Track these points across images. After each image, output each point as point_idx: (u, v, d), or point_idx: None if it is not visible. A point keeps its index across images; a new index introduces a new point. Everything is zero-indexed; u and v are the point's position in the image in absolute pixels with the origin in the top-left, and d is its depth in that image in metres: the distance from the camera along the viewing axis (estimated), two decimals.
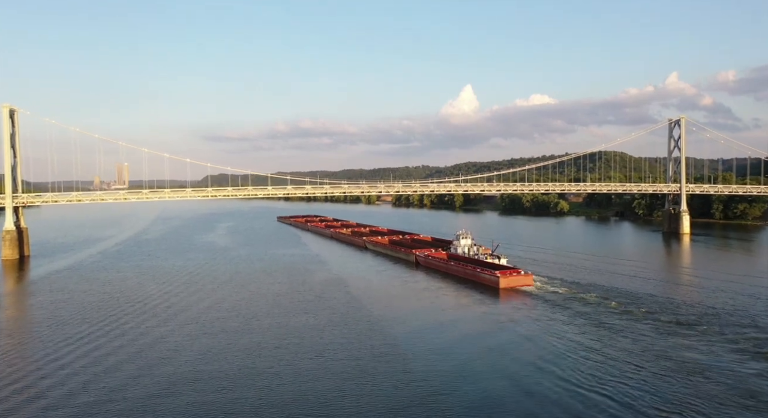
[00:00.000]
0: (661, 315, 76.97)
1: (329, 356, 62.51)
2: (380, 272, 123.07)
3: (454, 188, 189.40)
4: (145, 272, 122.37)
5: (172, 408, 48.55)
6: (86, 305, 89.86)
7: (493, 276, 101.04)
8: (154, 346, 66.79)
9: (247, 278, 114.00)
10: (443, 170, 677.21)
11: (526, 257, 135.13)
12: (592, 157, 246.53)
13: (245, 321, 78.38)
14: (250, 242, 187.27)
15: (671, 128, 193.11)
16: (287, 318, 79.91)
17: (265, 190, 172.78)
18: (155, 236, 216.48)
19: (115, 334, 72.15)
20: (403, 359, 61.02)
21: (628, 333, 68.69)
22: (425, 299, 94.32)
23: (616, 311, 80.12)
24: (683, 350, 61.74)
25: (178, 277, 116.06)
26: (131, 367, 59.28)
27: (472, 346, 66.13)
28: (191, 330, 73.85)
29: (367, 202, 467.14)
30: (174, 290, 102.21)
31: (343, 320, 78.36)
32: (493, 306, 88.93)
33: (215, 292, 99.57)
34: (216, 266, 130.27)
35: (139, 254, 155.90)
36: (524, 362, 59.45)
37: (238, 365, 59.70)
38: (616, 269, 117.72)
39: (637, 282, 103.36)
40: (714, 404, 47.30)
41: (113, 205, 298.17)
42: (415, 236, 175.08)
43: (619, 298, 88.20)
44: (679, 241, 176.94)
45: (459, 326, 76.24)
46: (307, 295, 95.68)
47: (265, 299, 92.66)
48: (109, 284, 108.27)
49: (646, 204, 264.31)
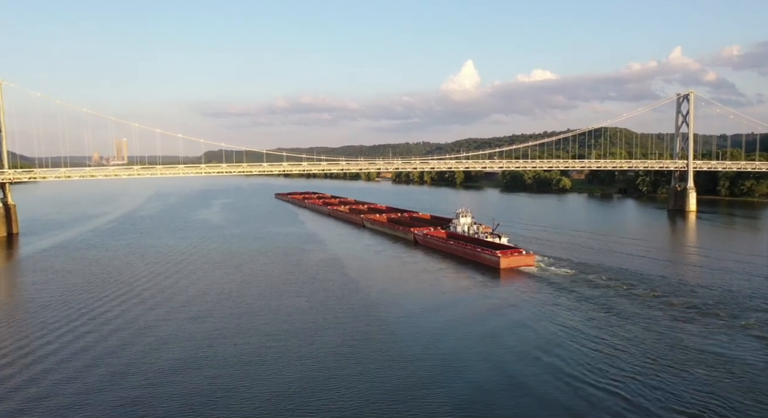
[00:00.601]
0: (673, 299, 72.65)
1: (321, 343, 58.75)
2: (377, 251, 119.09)
3: (455, 165, 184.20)
4: (135, 251, 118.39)
5: (153, 398, 44.91)
6: (70, 286, 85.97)
7: (494, 256, 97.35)
8: (137, 333, 62.89)
9: (241, 258, 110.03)
10: (444, 147, 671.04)
11: (527, 236, 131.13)
12: (595, 133, 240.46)
13: (235, 305, 74.49)
14: (245, 219, 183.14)
15: (679, 103, 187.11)
16: (280, 301, 76.05)
17: (261, 166, 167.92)
18: (150, 213, 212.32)
19: (97, 319, 68.22)
20: (397, 346, 57.33)
21: (638, 319, 64.54)
22: (422, 281, 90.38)
23: (624, 295, 75.97)
24: (701, 338, 57.48)
25: (169, 257, 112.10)
26: (109, 357, 55.42)
27: (468, 333, 62.07)
28: (177, 315, 69.96)
29: (367, 178, 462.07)
30: (163, 270, 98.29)
31: (338, 303, 74.46)
32: (492, 289, 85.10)
33: (206, 273, 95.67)
34: (209, 246, 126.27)
35: (131, 232, 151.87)
36: (523, 352, 55.39)
37: (224, 352, 55.94)
38: (621, 249, 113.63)
39: (645, 263, 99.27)
40: (737, 402, 43.26)
41: (111, 182, 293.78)
42: (414, 213, 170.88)
43: (626, 280, 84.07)
44: (685, 219, 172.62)
45: (456, 310, 72.21)
46: (302, 276, 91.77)
47: (258, 281, 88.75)
48: (96, 264, 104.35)
49: (651, 181, 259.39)
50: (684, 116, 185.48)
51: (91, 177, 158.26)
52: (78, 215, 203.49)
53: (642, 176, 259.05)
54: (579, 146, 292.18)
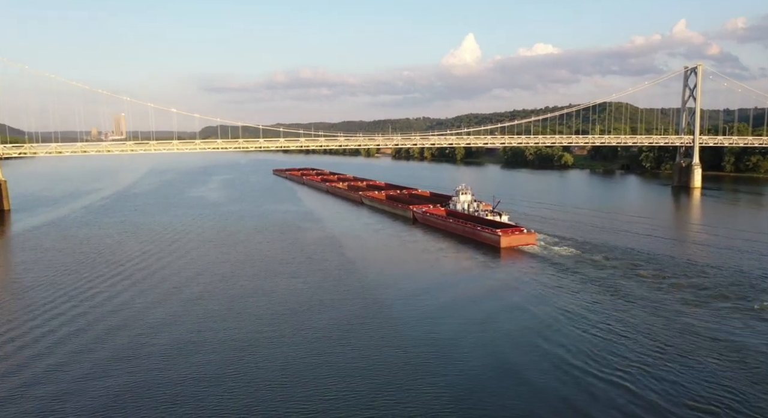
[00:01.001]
0: (682, 280, 70.04)
1: (316, 327, 56.46)
2: (376, 230, 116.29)
3: (456, 141, 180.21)
4: (128, 229, 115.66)
5: (141, 386, 42.60)
6: (58, 266, 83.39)
7: (494, 235, 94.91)
8: (126, 317, 60.40)
9: (236, 236, 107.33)
10: (444, 122, 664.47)
11: (529, 214, 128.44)
12: (597, 108, 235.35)
13: (228, 287, 71.96)
14: (242, 196, 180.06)
15: (686, 76, 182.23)
16: (274, 283, 73.51)
17: (257, 142, 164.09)
18: (146, 190, 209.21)
19: (85, 303, 65.69)
20: (393, 330, 55.03)
21: (645, 303, 61.92)
22: (421, 261, 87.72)
23: (630, 276, 73.34)
24: (712, 324, 54.83)
25: (162, 235, 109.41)
26: (96, 343, 53.04)
27: (465, 317, 59.46)
28: (169, 298, 67.44)
29: (367, 154, 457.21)
30: (155, 250, 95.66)
31: (334, 286, 71.93)
32: (492, 269, 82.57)
33: (200, 253, 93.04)
34: (204, 224, 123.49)
35: (125, 209, 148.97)
36: (522, 339, 52.78)
37: (215, 337, 53.61)
38: (625, 227, 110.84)
39: (651, 241, 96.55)
40: (751, 395, 40.72)
41: (107, 157, 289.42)
42: (413, 190, 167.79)
43: (632, 260, 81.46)
44: (690, 195, 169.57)
45: (454, 293, 69.59)
46: (298, 256, 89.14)
47: (253, 262, 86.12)
48: (87, 243, 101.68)
49: (654, 157, 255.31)
50: (691, 90, 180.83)
51: (83, 153, 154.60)
52: (71, 191, 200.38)
53: (645, 152, 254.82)
54: (582, 122, 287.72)
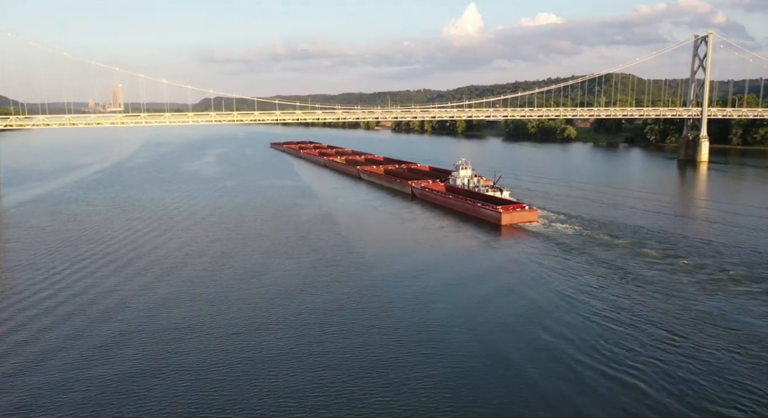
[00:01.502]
0: (695, 261, 66.21)
1: (308, 310, 53.44)
2: (373, 207, 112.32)
3: (457, 114, 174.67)
4: (118, 206, 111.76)
5: (121, 375, 39.45)
6: (41, 245, 79.72)
7: (495, 212, 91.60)
8: (107, 303, 56.83)
9: (229, 214, 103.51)
10: (445, 94, 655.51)
11: (531, 189, 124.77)
12: (601, 80, 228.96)
13: (218, 269, 68.41)
14: (238, 170, 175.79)
15: (696, 46, 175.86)
16: (266, 263, 69.97)
17: (252, 115, 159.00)
18: (139, 163, 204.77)
19: (65, 287, 62.13)
20: (387, 314, 51.89)
21: (659, 287, 58.36)
22: (418, 240, 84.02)
23: (639, 256, 69.72)
24: (732, 311, 51.17)
25: (152, 212, 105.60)
26: (74, 330, 49.67)
27: (462, 301, 56.03)
28: (152, 279, 63.97)
29: (366, 127, 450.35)
30: (145, 228, 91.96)
31: (328, 267, 68.36)
32: (492, 249, 79.19)
33: (190, 232, 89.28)
34: (197, 200, 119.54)
35: (116, 184, 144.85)
36: (520, 327, 49.08)
37: (199, 321, 50.30)
38: (632, 203, 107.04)
39: (660, 219, 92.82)
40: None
41: (103, 130, 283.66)
42: (412, 165, 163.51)
43: (641, 238, 77.79)
44: (697, 169, 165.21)
45: (451, 274, 66.04)
46: (292, 235, 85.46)
47: (244, 241, 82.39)
48: (74, 220, 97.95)
49: (659, 130, 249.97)
50: (701, 60, 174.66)
51: (71, 125, 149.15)
52: (63, 165, 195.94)
53: (650, 125, 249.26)
54: (585, 93, 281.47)
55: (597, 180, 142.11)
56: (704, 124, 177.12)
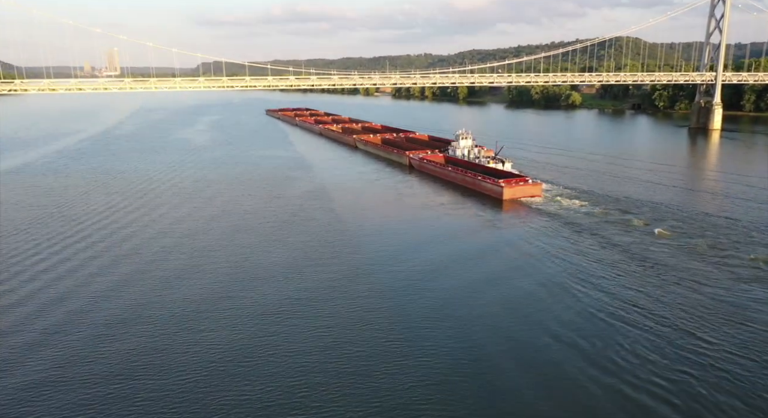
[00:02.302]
0: (726, 246, 60.12)
1: (291, 296, 47.91)
2: (369, 181, 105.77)
3: (459, 80, 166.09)
4: (98, 178, 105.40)
5: (86, 360, 34.19)
6: (7, 224, 73.73)
7: (496, 186, 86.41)
8: (72, 287, 51.37)
9: (215, 188, 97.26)
10: (446, 59, 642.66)
11: (534, 160, 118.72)
12: (607, 43, 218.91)
13: (195, 251, 62.64)
14: (230, 139, 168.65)
15: (713, 6, 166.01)
16: (250, 245, 64.11)
17: (243, 80, 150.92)
18: (129, 131, 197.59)
19: (27, 271, 56.51)
20: (376, 298, 46.38)
21: (681, 276, 52.34)
22: (414, 218, 78.01)
23: (654, 236, 63.89)
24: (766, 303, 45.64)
25: (134, 185, 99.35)
26: (36, 315, 44.17)
27: (455, 284, 50.73)
28: (121, 262, 58.28)
29: (366, 94, 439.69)
30: (123, 203, 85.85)
31: (317, 248, 62.60)
32: (492, 227, 73.75)
33: (171, 208, 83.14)
34: (183, 172, 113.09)
35: (101, 154, 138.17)
36: (522, 322, 43.57)
37: (170, 311, 44.76)
38: (642, 175, 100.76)
39: (674, 193, 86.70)
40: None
41: (97, 95, 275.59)
42: (411, 133, 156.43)
43: (658, 216, 71.85)
44: (709, 138, 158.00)
45: (446, 255, 60.38)
46: (281, 213, 79.38)
47: (229, 219, 76.34)
48: (49, 194, 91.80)
49: (668, 96, 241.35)
50: (717, 21, 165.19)
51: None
52: (50, 132, 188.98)
53: (659, 91, 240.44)
54: (592, 58, 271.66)
55: (604, 150, 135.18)
56: (718, 90, 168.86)
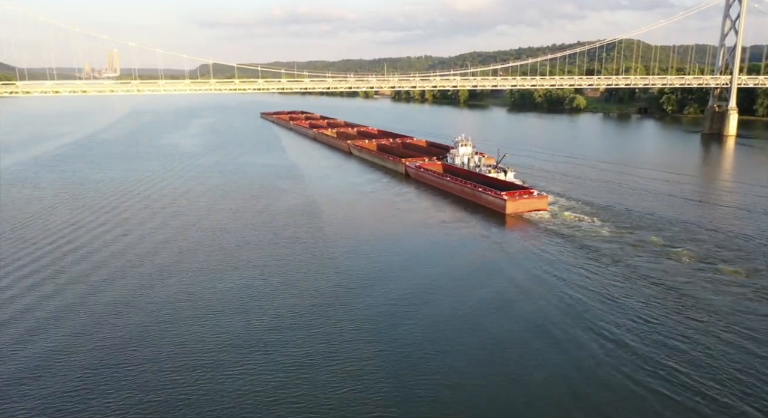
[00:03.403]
0: (752, 268, 52.64)
1: (261, 331, 39.51)
2: (362, 193, 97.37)
3: (461, 83, 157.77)
4: (68, 190, 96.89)
5: None
6: None
7: (498, 199, 79.51)
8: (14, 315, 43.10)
9: (196, 201, 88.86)
10: (447, 61, 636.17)
11: (538, 168, 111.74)
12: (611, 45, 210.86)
13: (162, 277, 54.38)
14: (220, 145, 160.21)
15: (728, 6, 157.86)
16: (225, 273, 55.82)
17: (231, 83, 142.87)
18: (116, 135, 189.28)
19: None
20: (360, 327, 38.46)
21: (707, 307, 44.40)
22: (407, 236, 70.33)
23: (676, 260, 56.49)
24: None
25: (106, 198, 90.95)
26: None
27: (447, 315, 42.77)
28: (79, 294, 49.98)
29: (365, 96, 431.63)
30: (90, 220, 77.38)
31: (299, 273, 54.43)
32: (493, 247, 65.67)
33: (143, 226, 74.67)
34: (163, 182, 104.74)
35: (79, 161, 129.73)
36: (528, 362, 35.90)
37: (125, 374, 36.43)
38: (659, 187, 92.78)
39: (696, 209, 78.91)
40: None
41: (94, 96, 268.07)
42: (408, 138, 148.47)
43: (676, 236, 64.32)
44: (724, 145, 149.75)
45: (442, 279, 53.43)
46: (263, 232, 70.94)
47: (205, 240, 67.80)
48: (6, 208, 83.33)
49: (677, 99, 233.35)
50: (733, 22, 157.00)
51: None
52: (33, 135, 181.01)
53: (667, 94, 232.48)
54: (595, 61, 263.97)
55: (614, 157, 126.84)
56: (733, 94, 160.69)
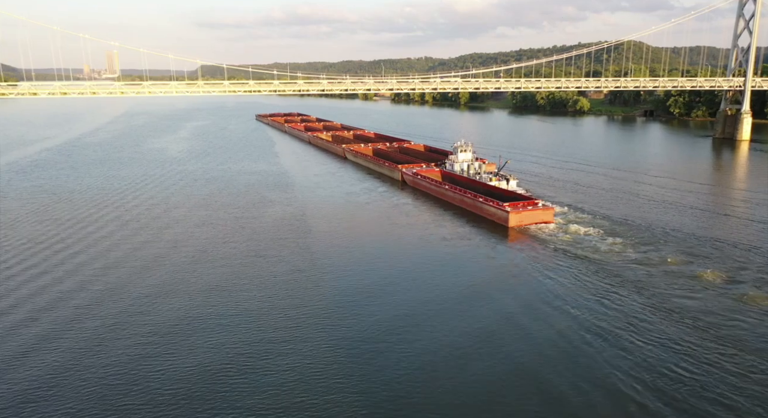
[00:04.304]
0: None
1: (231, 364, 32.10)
2: (356, 204, 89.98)
3: (463, 85, 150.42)
4: (36, 201, 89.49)
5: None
6: None
7: (501, 210, 73.04)
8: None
9: (173, 214, 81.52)
10: (447, 62, 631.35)
11: (543, 175, 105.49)
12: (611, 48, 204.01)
13: (125, 307, 47.02)
14: (209, 149, 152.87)
15: (741, 5, 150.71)
16: (200, 294, 48.52)
17: (221, 85, 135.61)
18: (103, 139, 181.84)
19: None
20: (347, 361, 30.86)
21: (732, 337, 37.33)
22: (401, 251, 63.40)
23: (698, 282, 50.31)
24: None
25: (76, 210, 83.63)
26: None
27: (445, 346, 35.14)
28: (32, 334, 42.69)
29: (365, 98, 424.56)
30: (52, 234, 70.24)
31: (281, 300, 47.09)
32: (493, 267, 58.97)
33: (110, 246, 67.24)
34: (142, 192, 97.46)
35: (57, 167, 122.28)
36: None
37: None
38: (675, 197, 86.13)
39: (717, 222, 72.19)
40: None
41: (90, 98, 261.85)
42: (405, 143, 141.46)
43: (695, 253, 58.23)
44: (740, 150, 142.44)
45: (434, 300, 46.57)
46: (244, 251, 63.65)
47: (181, 261, 60.61)
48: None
49: (684, 102, 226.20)
50: (747, 22, 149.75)
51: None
52: (14, 139, 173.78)
53: (674, 97, 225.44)
54: (595, 62, 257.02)
55: (623, 164, 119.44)
56: (747, 96, 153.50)
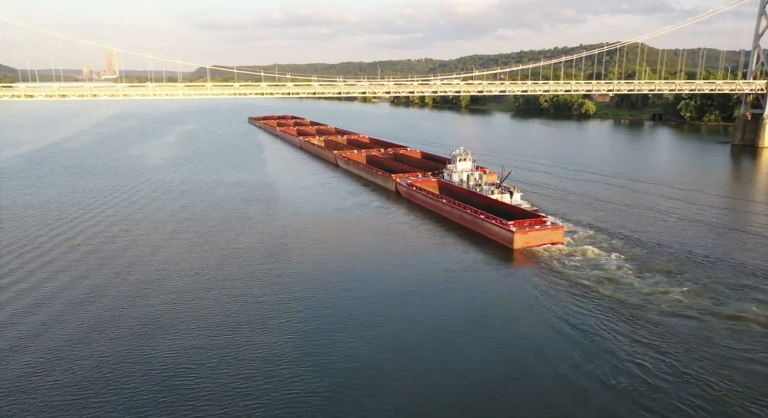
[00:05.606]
0: None
1: None
2: (346, 224, 80.00)
3: (465, 88, 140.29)
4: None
5: None
6: None
7: (505, 230, 64.24)
8: None
9: (137, 233, 71.71)
10: (448, 64, 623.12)
11: (550, 186, 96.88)
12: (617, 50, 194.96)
13: (68, 340, 37.08)
14: (194, 156, 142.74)
15: (764, 3, 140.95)
16: (152, 341, 38.52)
17: (204, 88, 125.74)
18: (84, 143, 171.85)
19: None
20: None
21: None
22: (392, 280, 54.04)
23: (730, 318, 43.59)
24: None
25: (27, 229, 73.71)
26: None
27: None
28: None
29: (363, 100, 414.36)
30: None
31: (257, 338, 37.05)
32: (495, 300, 49.72)
33: (55, 268, 57.62)
34: (109, 206, 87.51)
35: (22, 177, 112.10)
36: None
37: None
38: (701, 215, 77.32)
39: (749, 244, 62.70)
40: None
41: (82, 100, 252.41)
42: (401, 149, 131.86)
43: (724, 281, 50.13)
44: (763, 159, 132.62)
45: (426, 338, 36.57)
46: (213, 282, 53.78)
47: (121, 296, 50.66)
48: None
49: (695, 105, 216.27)
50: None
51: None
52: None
53: (685, 100, 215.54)
54: (598, 64, 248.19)
55: (640, 174, 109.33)
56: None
